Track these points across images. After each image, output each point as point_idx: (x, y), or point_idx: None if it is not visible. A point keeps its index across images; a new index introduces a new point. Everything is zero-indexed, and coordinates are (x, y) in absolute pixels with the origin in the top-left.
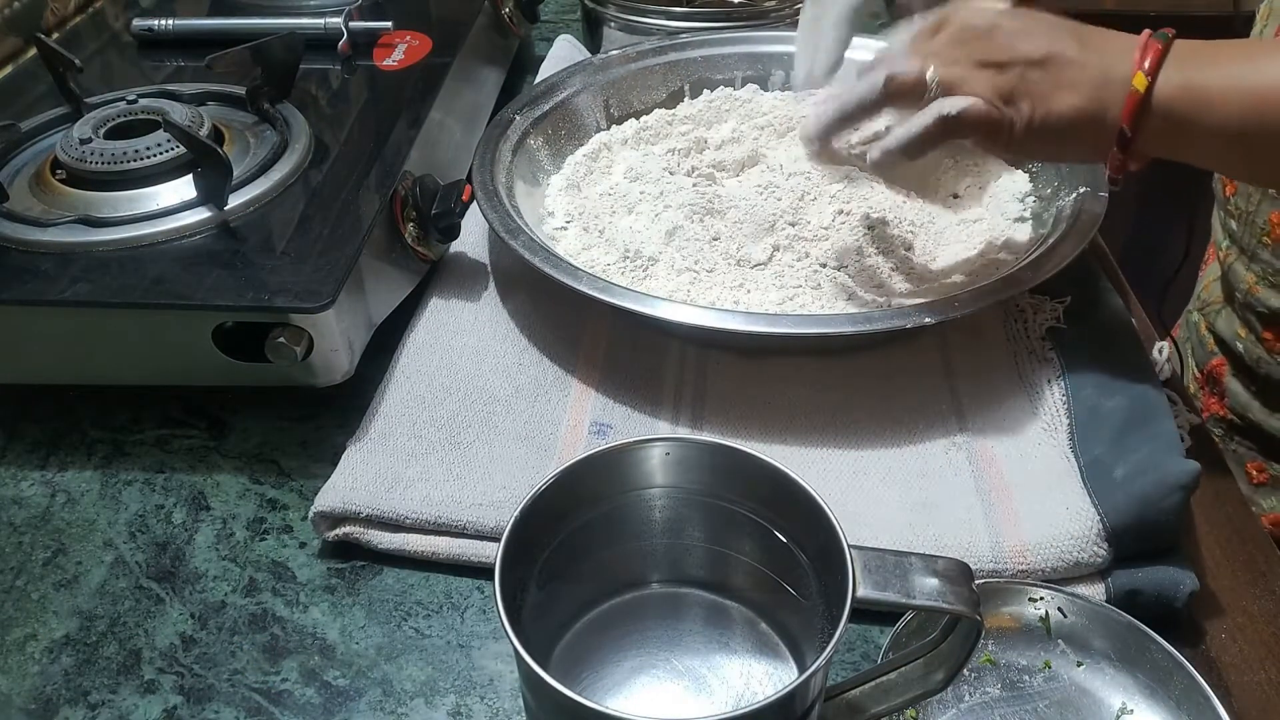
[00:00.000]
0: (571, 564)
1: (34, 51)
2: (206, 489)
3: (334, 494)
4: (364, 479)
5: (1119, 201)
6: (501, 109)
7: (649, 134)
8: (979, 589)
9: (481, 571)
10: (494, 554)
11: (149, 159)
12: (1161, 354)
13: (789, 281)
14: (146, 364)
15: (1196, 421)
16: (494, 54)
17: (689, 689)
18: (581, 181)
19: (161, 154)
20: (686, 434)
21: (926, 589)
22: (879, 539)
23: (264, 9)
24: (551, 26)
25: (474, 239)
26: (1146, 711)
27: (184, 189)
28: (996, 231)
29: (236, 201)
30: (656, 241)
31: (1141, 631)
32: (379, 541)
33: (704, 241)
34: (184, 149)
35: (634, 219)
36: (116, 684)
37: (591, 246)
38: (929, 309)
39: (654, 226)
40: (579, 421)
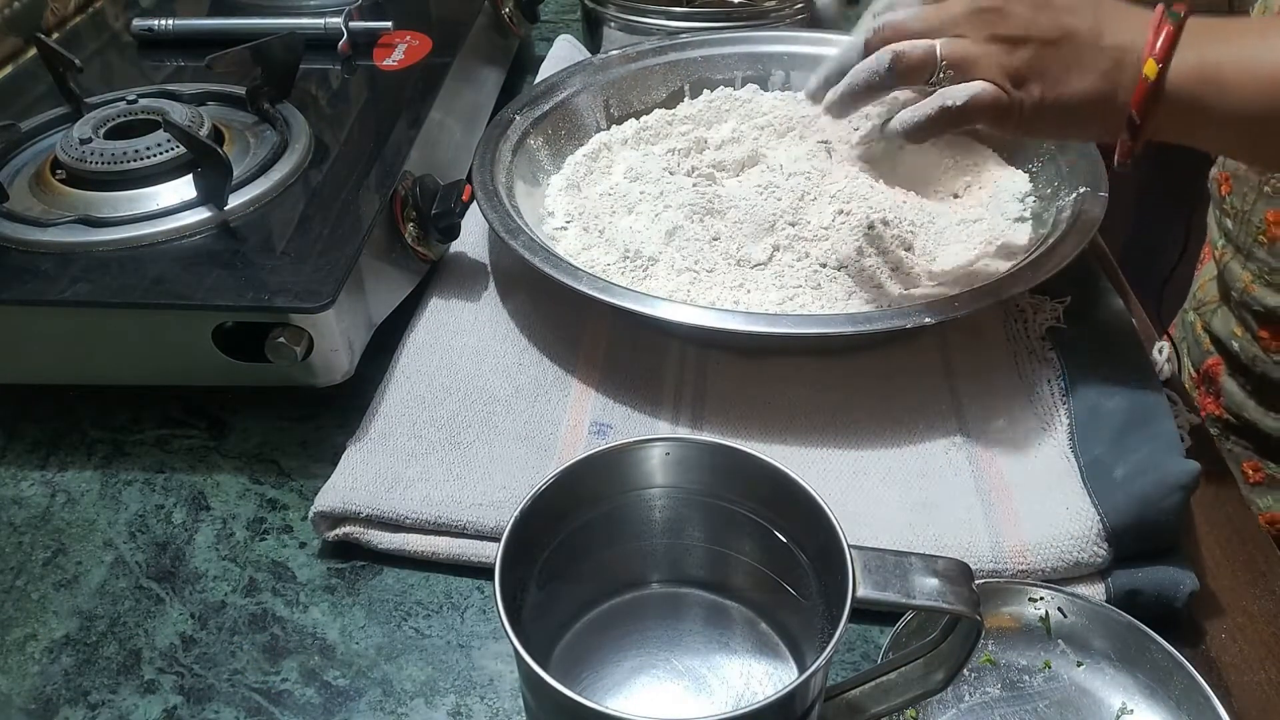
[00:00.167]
0: (571, 564)
1: (34, 51)
2: (206, 489)
3: (334, 494)
4: (364, 479)
5: (1118, 202)
6: (501, 109)
7: (649, 134)
8: (979, 589)
9: (481, 571)
10: (494, 554)
11: (149, 159)
12: (1161, 354)
13: (789, 281)
14: (146, 364)
15: (1196, 421)
16: (494, 54)
17: (689, 689)
18: (581, 181)
19: (161, 154)
20: (686, 434)
21: (926, 589)
22: (879, 539)
23: (264, 9)
24: (551, 26)
25: (474, 239)
26: (1146, 711)
27: (184, 189)
28: (996, 232)
29: (236, 201)
30: (656, 241)
31: (1141, 631)
32: (379, 541)
33: (704, 241)
34: (184, 149)
35: (634, 219)
36: (116, 684)
37: (591, 246)
38: (929, 309)
39: (654, 226)
40: (579, 421)
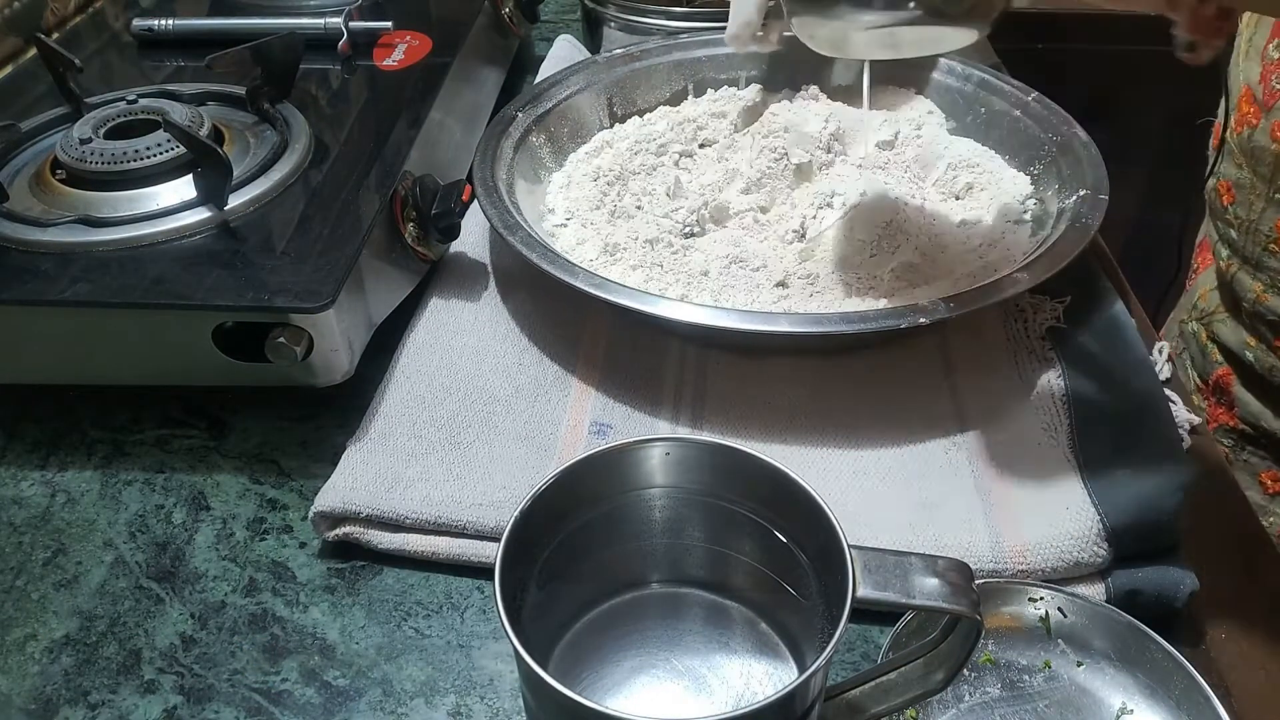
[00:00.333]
0: (571, 564)
1: (34, 51)
2: (206, 489)
3: (334, 494)
4: (364, 479)
5: (1118, 203)
6: (504, 107)
7: (652, 132)
8: (979, 589)
9: (481, 571)
10: (494, 554)
11: (149, 159)
12: (1161, 354)
13: (789, 281)
14: (146, 364)
15: (1196, 421)
16: (494, 54)
17: (689, 689)
18: (583, 179)
19: (161, 154)
20: (686, 434)
21: (926, 589)
22: (879, 539)
23: (264, 9)
24: (551, 26)
25: (474, 239)
26: (1146, 711)
27: (184, 189)
28: (997, 233)
29: (236, 201)
30: (657, 240)
31: (1141, 631)
32: (379, 541)
33: (706, 240)
34: (184, 149)
35: (635, 218)
36: (116, 684)
37: (586, 241)
38: (928, 309)
39: (655, 225)
40: (579, 421)
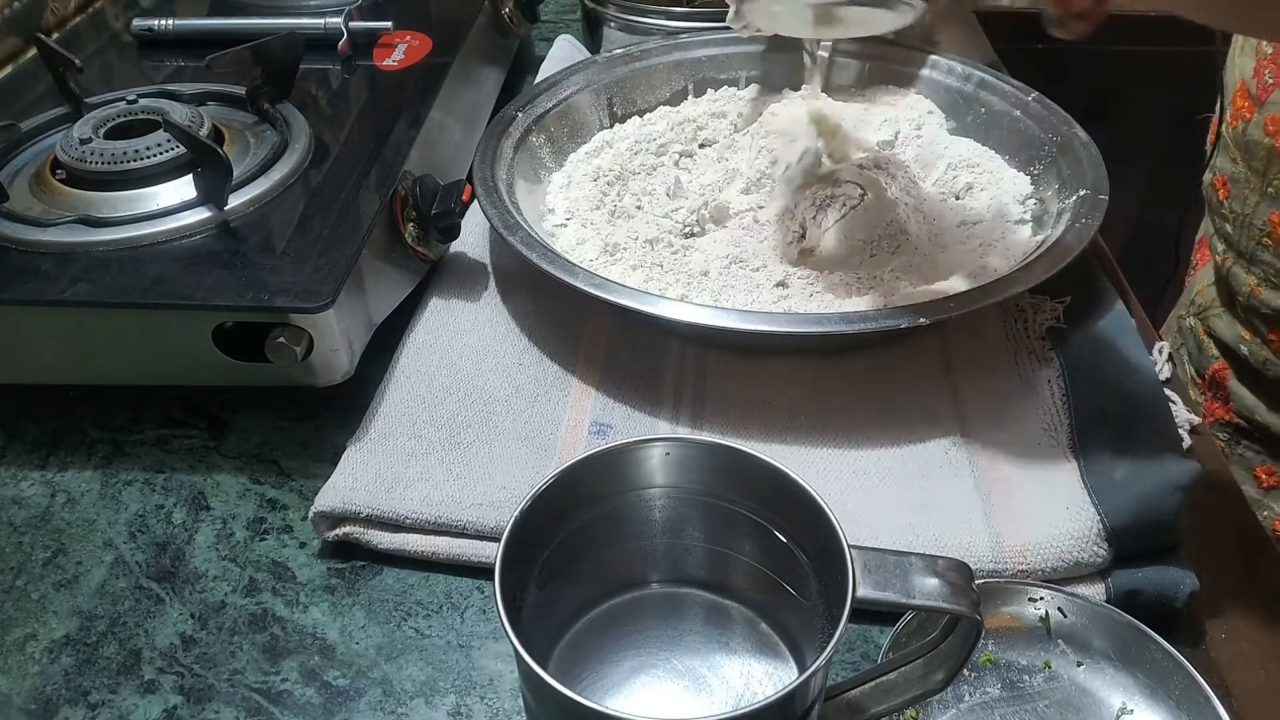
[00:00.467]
0: (571, 564)
1: (34, 51)
2: (206, 489)
3: (334, 494)
4: (364, 479)
5: (1118, 203)
6: (504, 107)
7: (652, 132)
8: (979, 589)
9: (481, 571)
10: (494, 554)
11: (149, 159)
12: (1161, 354)
13: (789, 281)
14: (146, 364)
15: (1196, 421)
16: (494, 54)
17: (689, 689)
18: (583, 179)
19: (161, 154)
20: (686, 434)
21: (926, 589)
22: (879, 539)
23: (264, 9)
24: (551, 26)
25: (474, 239)
26: (1146, 711)
27: (184, 189)
28: (997, 233)
29: (236, 201)
30: (657, 240)
31: (1141, 631)
32: (379, 541)
33: (706, 240)
34: (184, 149)
35: (635, 218)
36: (116, 684)
37: (586, 241)
38: (928, 309)
39: (655, 225)
40: (579, 421)
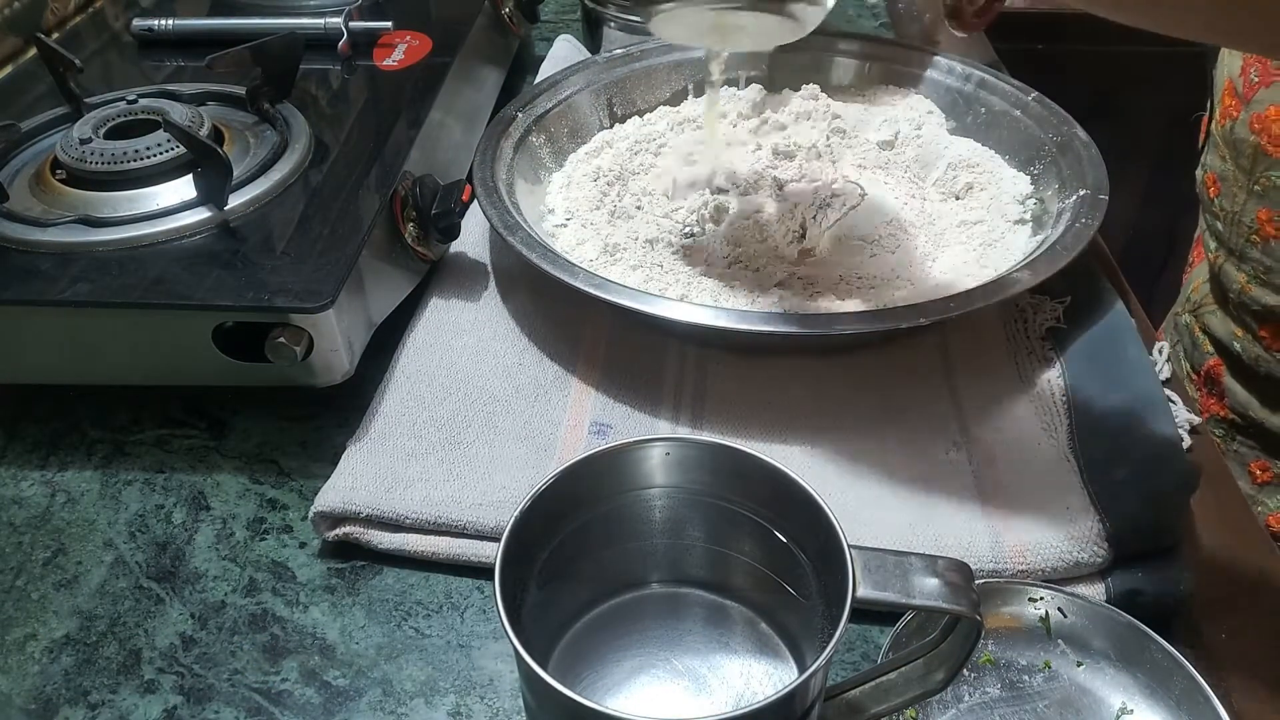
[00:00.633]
0: (571, 564)
1: (34, 51)
2: (206, 489)
3: (334, 494)
4: (364, 479)
5: (1118, 203)
6: (504, 107)
7: (652, 132)
8: (979, 589)
9: (481, 571)
10: (494, 554)
11: (149, 159)
12: (1161, 354)
13: (789, 281)
14: (146, 364)
15: (1196, 421)
16: (494, 54)
17: (689, 689)
18: (583, 179)
19: (161, 154)
20: (686, 434)
21: (926, 589)
22: (879, 539)
23: (264, 9)
24: (551, 26)
25: (474, 239)
26: (1146, 711)
27: (184, 189)
28: (996, 233)
29: (236, 201)
30: (657, 240)
31: (1141, 631)
32: (379, 541)
33: (705, 240)
34: (184, 149)
35: (635, 218)
36: (116, 684)
37: (586, 241)
38: (929, 309)
39: (655, 225)
40: (579, 421)
